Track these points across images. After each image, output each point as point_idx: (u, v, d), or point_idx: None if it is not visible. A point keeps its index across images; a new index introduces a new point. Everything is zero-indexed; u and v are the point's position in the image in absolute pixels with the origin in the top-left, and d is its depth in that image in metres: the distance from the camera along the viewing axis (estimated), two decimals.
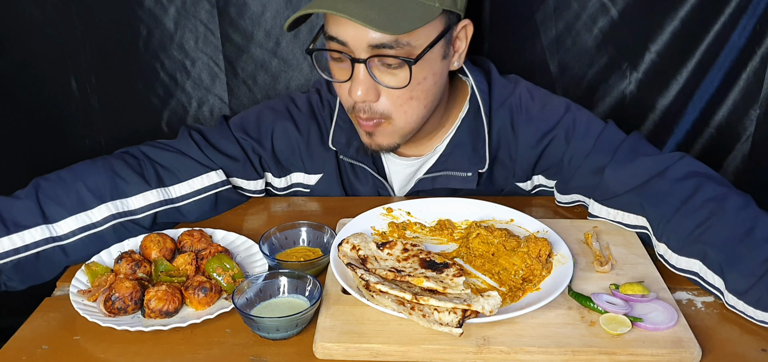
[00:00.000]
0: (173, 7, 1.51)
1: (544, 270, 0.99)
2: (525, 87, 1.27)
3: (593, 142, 1.19)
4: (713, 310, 0.97)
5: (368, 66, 1.07)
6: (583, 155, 1.19)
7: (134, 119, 1.62)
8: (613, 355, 0.85)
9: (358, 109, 1.13)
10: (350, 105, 1.15)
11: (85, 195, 1.10)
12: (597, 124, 1.22)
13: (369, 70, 1.08)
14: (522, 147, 1.25)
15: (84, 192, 1.10)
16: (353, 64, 1.08)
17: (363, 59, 1.07)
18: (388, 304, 0.89)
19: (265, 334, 0.90)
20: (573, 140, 1.21)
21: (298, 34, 1.53)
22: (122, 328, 0.90)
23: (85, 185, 1.11)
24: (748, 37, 1.46)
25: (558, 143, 1.22)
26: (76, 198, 1.10)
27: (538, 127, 1.23)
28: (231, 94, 1.59)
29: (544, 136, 1.23)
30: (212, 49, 1.55)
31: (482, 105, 1.24)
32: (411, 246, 1.03)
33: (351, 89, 1.10)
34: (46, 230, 1.06)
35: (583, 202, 1.23)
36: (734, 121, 1.55)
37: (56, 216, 1.08)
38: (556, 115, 1.23)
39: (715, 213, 1.01)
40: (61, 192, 1.10)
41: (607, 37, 1.50)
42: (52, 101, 1.63)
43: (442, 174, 1.26)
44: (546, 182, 1.30)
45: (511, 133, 1.26)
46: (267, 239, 1.07)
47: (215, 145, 1.24)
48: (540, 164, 1.27)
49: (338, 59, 1.11)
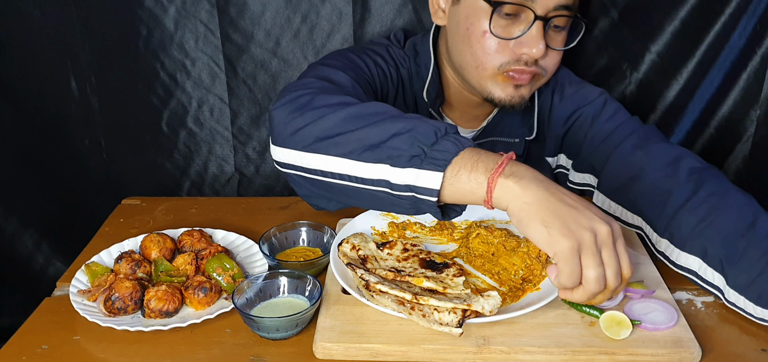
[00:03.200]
0: (173, 7, 1.51)
1: (544, 270, 0.99)
2: (565, 70, 1.34)
3: (615, 128, 1.23)
4: (713, 310, 0.97)
5: (548, 25, 1.12)
6: (603, 137, 1.24)
7: (134, 119, 1.62)
8: (613, 355, 0.85)
9: (523, 61, 1.14)
10: (508, 60, 1.14)
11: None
12: (624, 114, 1.26)
13: (547, 28, 1.13)
14: (554, 123, 1.32)
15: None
16: (535, 20, 1.10)
17: (546, 17, 1.11)
18: (388, 304, 0.89)
19: (265, 334, 0.90)
20: (597, 121, 1.26)
21: (299, 33, 1.53)
22: (122, 328, 0.90)
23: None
24: (748, 37, 1.46)
25: (584, 122, 1.28)
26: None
27: (569, 105, 1.30)
28: (231, 94, 1.59)
29: (573, 114, 1.29)
30: (212, 49, 1.55)
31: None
32: (411, 246, 1.03)
33: (526, 44, 1.12)
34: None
35: (592, 186, 1.27)
36: (734, 121, 1.55)
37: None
38: (589, 97, 1.29)
39: (716, 209, 1.01)
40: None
41: (607, 37, 1.50)
42: (52, 101, 1.63)
43: (489, 140, 1.30)
44: (566, 162, 1.34)
45: (549, 111, 1.32)
46: (267, 239, 1.07)
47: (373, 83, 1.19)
48: (566, 141, 1.32)
49: (509, 15, 1.12)
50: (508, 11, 1.11)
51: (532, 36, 1.12)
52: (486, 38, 1.14)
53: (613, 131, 1.23)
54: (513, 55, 1.14)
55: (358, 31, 1.51)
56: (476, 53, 1.16)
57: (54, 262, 1.80)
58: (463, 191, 0.87)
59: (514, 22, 1.13)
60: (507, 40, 1.13)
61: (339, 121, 0.92)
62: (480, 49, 1.15)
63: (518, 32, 1.12)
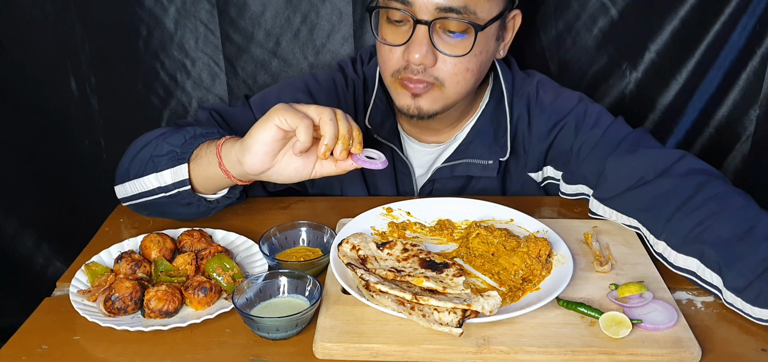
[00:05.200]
0: (173, 7, 1.51)
1: (544, 270, 0.99)
2: (541, 79, 1.30)
3: (601, 134, 1.21)
4: (713, 310, 0.97)
5: (431, 29, 1.09)
6: (591, 146, 1.21)
7: (134, 119, 1.62)
8: (613, 355, 0.85)
9: (410, 70, 1.14)
10: (399, 67, 1.15)
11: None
12: (607, 117, 1.24)
13: (431, 34, 1.10)
14: (534, 137, 1.28)
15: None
16: (415, 25, 1.09)
17: (427, 21, 1.08)
18: (388, 304, 0.89)
19: (265, 334, 0.90)
20: (582, 131, 1.23)
21: (299, 33, 1.53)
22: (122, 328, 0.90)
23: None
24: (748, 37, 1.46)
25: (567, 133, 1.24)
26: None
27: (549, 118, 1.26)
28: (231, 94, 1.59)
29: (555, 126, 1.25)
30: (212, 49, 1.55)
31: (506, 94, 1.26)
32: (411, 246, 1.03)
33: (409, 50, 1.11)
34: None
35: (586, 195, 1.24)
36: (734, 121, 1.55)
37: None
38: (568, 106, 1.26)
39: (715, 213, 1.01)
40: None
41: (607, 37, 1.50)
42: (52, 101, 1.63)
43: (462, 162, 1.28)
44: (554, 174, 1.31)
45: (526, 123, 1.28)
46: (267, 239, 1.07)
47: (234, 126, 1.24)
48: (550, 154, 1.28)
49: (397, 21, 1.12)
50: (395, 18, 1.12)
51: (416, 40, 1.10)
52: (379, 46, 1.17)
53: (601, 139, 1.20)
54: (401, 63, 1.14)
55: (358, 31, 1.52)
56: (379, 63, 1.19)
57: (54, 262, 1.80)
58: (204, 169, 1.07)
59: (400, 28, 1.13)
60: (392, 46, 1.14)
61: (137, 151, 1.15)
62: (379, 57, 1.18)
63: (404, 39, 1.12)
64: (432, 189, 1.32)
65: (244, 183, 1.09)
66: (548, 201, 1.31)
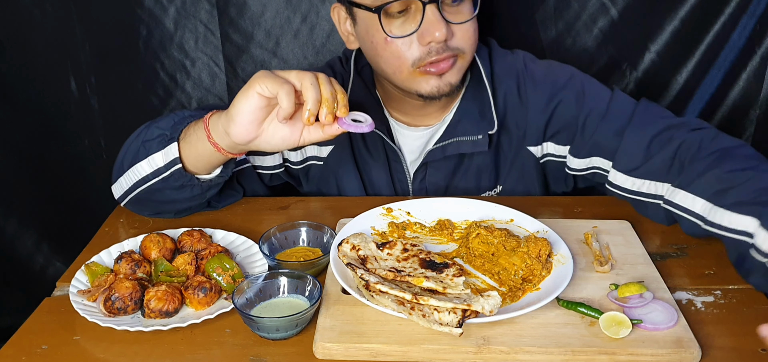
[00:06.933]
0: (173, 7, 1.51)
1: (544, 270, 0.99)
2: (526, 55, 1.31)
3: (606, 105, 1.21)
4: (713, 310, 0.97)
5: (440, 4, 1.11)
6: (599, 117, 1.21)
7: (134, 119, 1.61)
8: (613, 355, 0.85)
9: (434, 51, 1.14)
10: (419, 56, 1.15)
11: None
12: (604, 88, 1.25)
13: (440, 9, 1.11)
14: (531, 112, 1.27)
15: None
16: (424, 7, 1.10)
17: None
18: (388, 304, 0.89)
19: (265, 334, 0.90)
20: (585, 102, 1.23)
21: (299, 33, 1.53)
22: (122, 328, 0.90)
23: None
24: (748, 37, 1.46)
25: (567, 105, 1.24)
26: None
27: (544, 90, 1.26)
28: (231, 94, 1.59)
29: (553, 98, 1.25)
30: (212, 49, 1.55)
31: (483, 70, 1.27)
32: (411, 246, 1.03)
33: (427, 32, 1.11)
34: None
35: (601, 168, 1.23)
36: (734, 121, 1.55)
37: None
38: (563, 78, 1.26)
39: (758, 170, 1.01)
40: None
41: (607, 37, 1.50)
42: (51, 101, 1.63)
43: (453, 141, 1.28)
44: (555, 150, 1.30)
45: (517, 99, 1.28)
46: (267, 239, 1.07)
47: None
48: (550, 128, 1.28)
49: (402, 13, 1.12)
50: (397, 10, 1.12)
51: (430, 22, 1.11)
52: (389, 44, 1.15)
53: (607, 110, 1.20)
54: (421, 50, 1.14)
55: None
56: (388, 61, 1.17)
57: (54, 262, 1.80)
58: (194, 145, 1.09)
59: (407, 17, 1.13)
60: (406, 37, 1.13)
61: (130, 143, 1.18)
62: (389, 56, 1.17)
63: (415, 26, 1.12)
64: (425, 173, 1.32)
65: (234, 156, 1.10)
66: (548, 201, 1.31)
